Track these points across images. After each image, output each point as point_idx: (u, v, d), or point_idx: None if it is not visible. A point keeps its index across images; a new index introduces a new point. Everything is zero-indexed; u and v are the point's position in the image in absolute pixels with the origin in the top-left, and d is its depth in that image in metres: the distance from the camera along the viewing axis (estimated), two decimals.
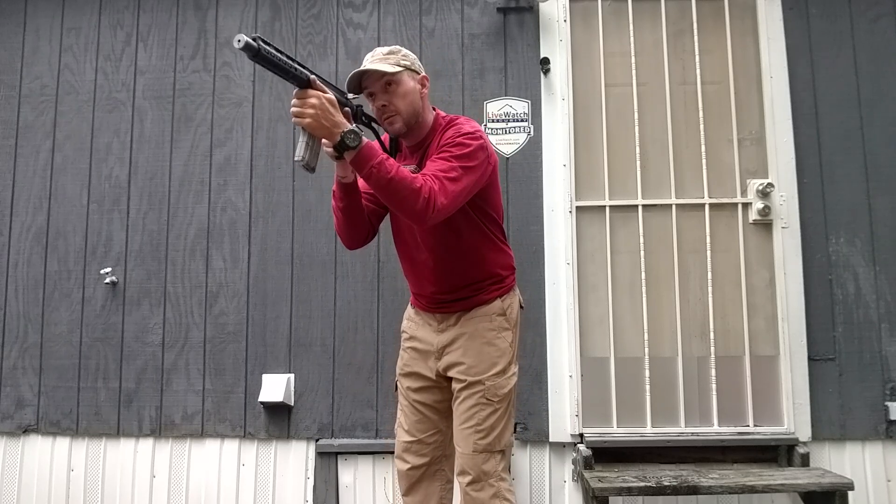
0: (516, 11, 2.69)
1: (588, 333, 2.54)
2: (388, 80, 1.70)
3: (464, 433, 1.76)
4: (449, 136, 1.71)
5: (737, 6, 2.64)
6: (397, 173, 1.56)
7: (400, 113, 1.72)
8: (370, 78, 1.71)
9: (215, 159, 2.72)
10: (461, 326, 1.83)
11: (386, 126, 1.75)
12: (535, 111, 2.64)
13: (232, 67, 2.75)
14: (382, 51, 1.76)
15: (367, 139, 1.57)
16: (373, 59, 1.73)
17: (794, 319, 2.47)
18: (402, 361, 1.97)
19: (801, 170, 2.54)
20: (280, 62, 1.41)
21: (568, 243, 2.55)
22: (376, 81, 1.71)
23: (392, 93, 1.71)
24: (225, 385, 2.60)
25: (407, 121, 1.74)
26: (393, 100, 1.71)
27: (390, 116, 1.73)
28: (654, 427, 2.46)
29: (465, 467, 1.74)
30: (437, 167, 1.63)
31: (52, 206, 2.75)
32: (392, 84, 1.71)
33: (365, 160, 1.53)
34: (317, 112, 1.48)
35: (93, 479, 2.62)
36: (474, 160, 1.67)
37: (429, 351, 1.88)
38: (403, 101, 1.72)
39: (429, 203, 1.56)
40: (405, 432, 1.91)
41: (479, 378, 1.76)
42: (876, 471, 2.43)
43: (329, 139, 1.53)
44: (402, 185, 1.55)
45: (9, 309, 2.71)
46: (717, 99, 2.61)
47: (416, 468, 1.88)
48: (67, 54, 2.82)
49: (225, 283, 2.65)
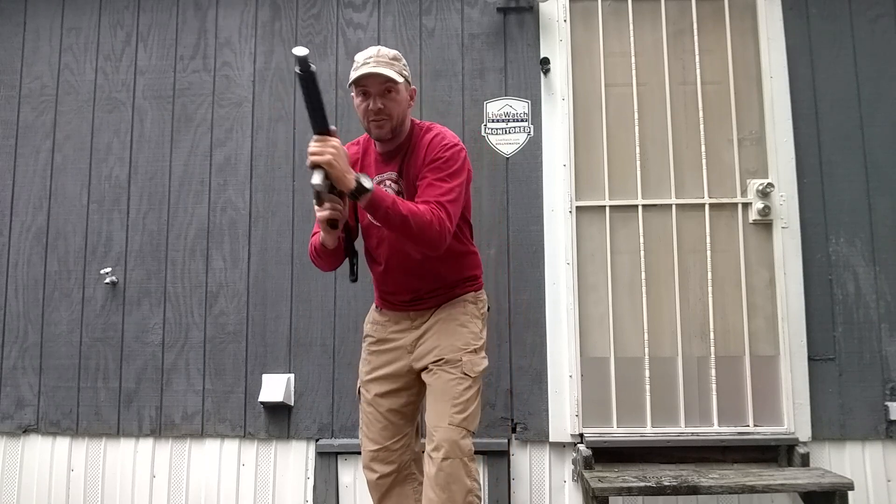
0: (516, 11, 2.69)
1: (588, 333, 2.53)
2: (388, 85, 1.77)
3: (441, 407, 1.77)
4: (435, 149, 1.79)
5: (737, 6, 2.64)
6: (409, 210, 1.64)
7: (392, 118, 1.79)
8: (372, 79, 1.76)
9: (215, 159, 2.72)
10: (434, 318, 1.89)
11: (372, 127, 1.81)
12: (535, 111, 2.64)
13: (232, 67, 2.75)
14: (388, 54, 1.80)
15: None
16: (378, 61, 1.76)
17: (794, 319, 2.47)
18: (367, 367, 1.98)
19: (801, 170, 2.54)
20: (320, 96, 1.50)
21: (568, 243, 2.54)
22: (378, 84, 1.76)
23: (390, 98, 1.78)
24: (225, 385, 2.60)
25: (394, 127, 1.81)
26: (389, 105, 1.78)
27: (382, 120, 1.78)
28: (654, 427, 2.46)
29: (440, 441, 1.73)
30: (438, 192, 1.72)
31: (52, 206, 2.75)
32: (392, 91, 1.78)
33: (379, 202, 1.61)
34: (337, 153, 1.55)
35: (93, 479, 2.62)
36: (463, 173, 1.80)
37: (399, 348, 1.91)
38: (397, 109, 1.79)
39: (441, 233, 1.68)
40: (370, 441, 1.91)
41: (455, 355, 1.81)
42: (876, 471, 2.43)
43: (343, 184, 1.57)
44: (416, 220, 1.64)
45: (9, 309, 2.71)
46: (717, 99, 2.61)
47: (386, 476, 1.89)
48: (67, 54, 2.82)
49: (225, 283, 2.65)
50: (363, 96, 1.79)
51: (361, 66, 1.77)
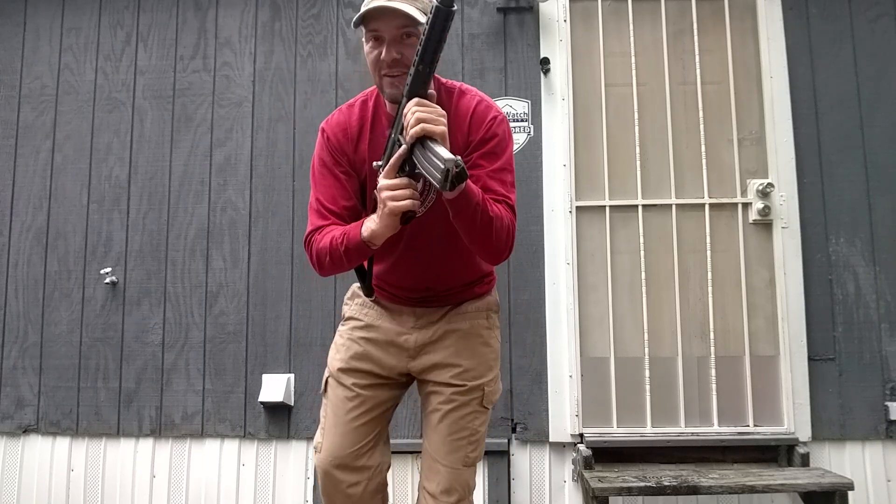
0: (516, 11, 2.69)
1: (588, 333, 2.53)
2: (408, 28, 1.35)
3: (453, 445, 1.53)
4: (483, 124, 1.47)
5: (737, 6, 2.64)
6: (495, 212, 1.35)
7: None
8: (387, 18, 1.34)
9: (215, 159, 2.72)
10: (449, 322, 1.58)
11: (385, 83, 1.40)
12: (535, 111, 2.64)
13: (232, 67, 2.75)
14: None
15: None
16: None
17: (794, 319, 2.47)
18: (346, 353, 1.60)
19: (801, 170, 2.54)
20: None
21: (568, 243, 2.54)
22: (394, 26, 1.35)
23: (410, 45, 1.35)
24: (225, 385, 2.60)
25: None
26: (409, 54, 1.34)
27: (399, 74, 1.36)
28: (654, 427, 2.46)
29: (452, 484, 1.51)
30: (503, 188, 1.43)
31: (52, 206, 2.75)
32: (413, 36, 1.35)
33: (472, 196, 1.29)
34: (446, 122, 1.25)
35: (93, 479, 2.62)
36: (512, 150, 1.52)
37: (397, 346, 1.59)
38: None
39: (512, 240, 1.42)
40: (338, 443, 1.55)
41: (478, 383, 1.55)
42: (876, 471, 2.43)
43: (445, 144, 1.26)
44: (498, 224, 1.36)
45: (9, 309, 2.71)
46: (717, 99, 2.61)
47: (355, 486, 1.54)
48: (67, 54, 2.82)
49: (225, 283, 2.65)
50: (374, 41, 1.38)
51: (372, 1, 1.33)
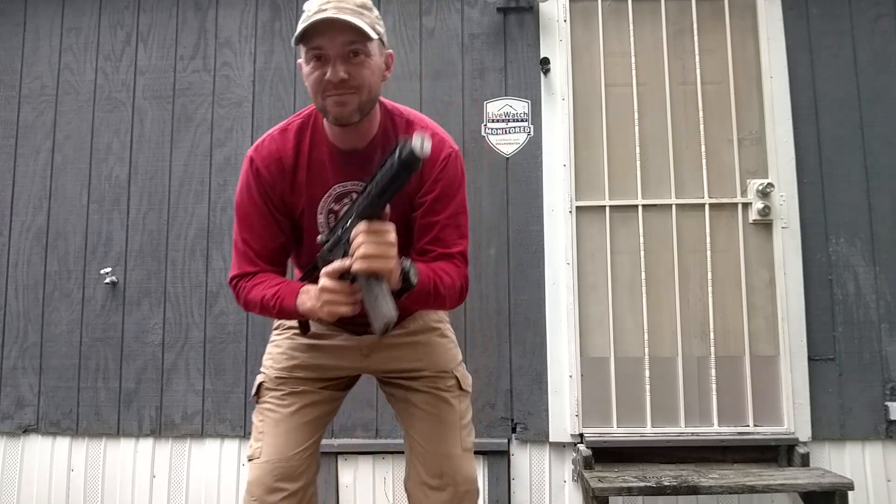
0: (516, 11, 2.69)
1: (588, 333, 2.53)
2: (356, 45, 1.19)
3: (446, 431, 1.45)
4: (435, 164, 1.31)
5: (737, 6, 2.64)
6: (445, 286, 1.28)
7: (360, 92, 1.22)
8: (332, 34, 1.18)
9: (215, 159, 2.72)
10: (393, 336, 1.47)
11: (330, 104, 1.22)
12: (535, 111, 2.64)
13: (232, 67, 2.75)
14: (354, 0, 1.20)
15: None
16: (339, 6, 1.17)
17: (794, 319, 2.47)
18: (287, 362, 1.49)
19: (801, 170, 2.54)
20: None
21: (568, 243, 2.54)
22: (339, 41, 1.18)
23: (357, 64, 1.20)
24: (225, 385, 2.59)
25: (362, 106, 1.24)
26: (355, 73, 1.20)
27: (345, 95, 1.21)
28: (654, 427, 2.46)
29: (458, 474, 1.42)
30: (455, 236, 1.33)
31: (52, 206, 2.75)
32: (360, 54, 1.20)
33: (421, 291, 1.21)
34: (395, 252, 1.11)
35: (93, 479, 2.62)
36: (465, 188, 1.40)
37: (346, 348, 1.49)
38: (368, 79, 1.23)
39: (464, 295, 1.36)
40: (282, 443, 1.43)
41: (447, 368, 1.49)
42: (876, 471, 2.43)
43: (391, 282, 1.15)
44: (450, 294, 1.30)
45: (9, 309, 2.71)
46: (717, 99, 2.61)
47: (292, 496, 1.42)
48: (67, 54, 2.82)
49: (225, 283, 2.63)
50: (316, 61, 1.21)
51: (314, 14, 1.16)
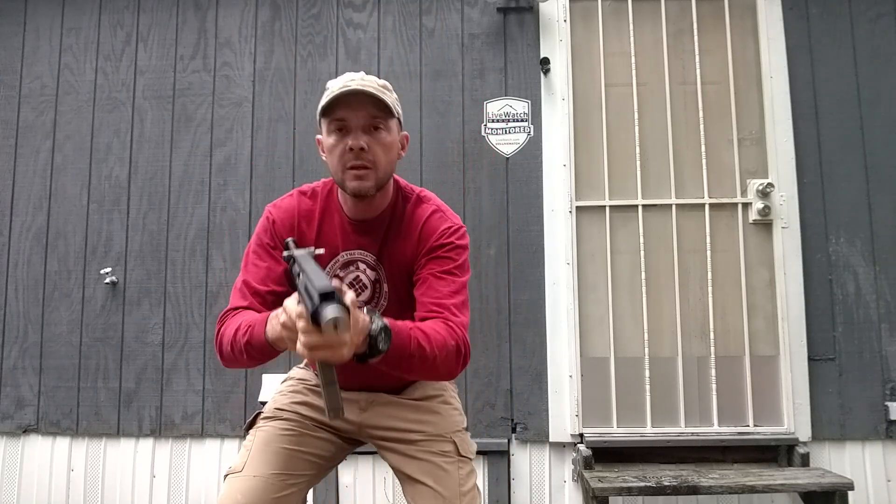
0: (516, 11, 2.69)
1: (588, 333, 2.53)
2: (377, 120, 1.27)
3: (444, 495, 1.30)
4: (437, 232, 1.32)
5: (737, 6, 2.64)
6: (436, 345, 1.17)
7: (377, 167, 1.27)
8: (353, 105, 1.25)
9: (215, 159, 2.72)
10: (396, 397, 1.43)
11: (348, 177, 1.26)
12: (535, 111, 2.64)
13: (232, 67, 2.75)
14: (377, 80, 1.30)
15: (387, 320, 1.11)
16: (364, 84, 1.26)
17: (794, 319, 2.47)
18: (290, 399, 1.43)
19: (801, 170, 2.54)
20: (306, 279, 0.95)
21: (568, 243, 2.54)
22: (363, 114, 1.26)
23: (378, 139, 1.27)
24: (225, 385, 2.59)
25: (379, 181, 1.28)
26: (374, 147, 1.26)
27: (364, 168, 1.25)
28: (654, 427, 2.46)
29: None
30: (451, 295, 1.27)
31: (52, 206, 2.75)
32: (381, 129, 1.27)
33: (400, 353, 1.12)
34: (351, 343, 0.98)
35: (93, 479, 2.62)
36: (468, 265, 1.36)
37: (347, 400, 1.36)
38: (385, 155, 1.28)
39: (465, 359, 1.25)
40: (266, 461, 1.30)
41: (443, 433, 1.38)
42: (876, 471, 2.43)
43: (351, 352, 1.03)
44: (444, 355, 1.19)
45: (9, 309, 2.71)
46: (717, 99, 2.61)
47: None
48: (67, 54, 2.82)
49: (225, 283, 2.65)
50: (338, 133, 1.26)
51: (339, 89, 1.24)
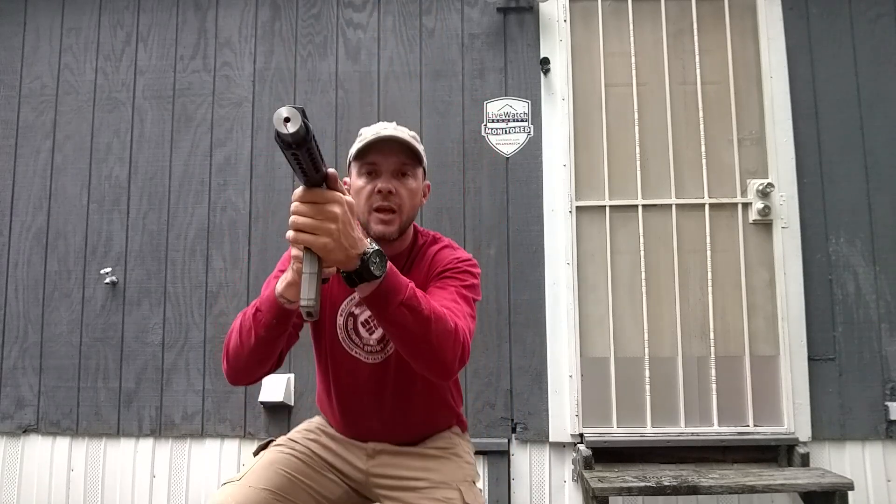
0: (516, 11, 2.69)
1: (588, 333, 2.53)
2: (406, 166, 1.34)
3: None
4: (445, 260, 1.37)
5: (737, 6, 2.64)
6: (433, 310, 1.13)
7: (402, 212, 1.33)
8: (385, 151, 1.32)
9: (215, 159, 2.72)
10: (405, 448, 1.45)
11: (373, 220, 1.31)
12: (535, 111, 2.64)
13: (232, 67, 2.75)
14: (408, 130, 1.38)
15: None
16: (396, 131, 1.34)
17: (794, 319, 2.47)
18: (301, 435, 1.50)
19: (801, 170, 2.54)
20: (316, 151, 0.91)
21: (568, 243, 2.54)
22: (392, 160, 1.33)
23: (404, 184, 1.34)
24: (225, 385, 2.59)
25: (402, 225, 1.35)
26: (401, 192, 1.33)
27: (390, 212, 1.31)
28: (654, 427, 2.46)
29: None
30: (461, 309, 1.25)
31: (52, 206, 2.75)
32: (408, 175, 1.35)
33: (392, 293, 1.07)
34: (338, 228, 0.96)
35: (93, 479, 2.62)
36: (479, 293, 1.39)
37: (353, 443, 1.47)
38: (410, 200, 1.35)
39: (464, 351, 1.18)
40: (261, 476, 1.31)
41: (449, 481, 1.35)
42: (876, 471, 2.43)
43: (342, 265, 1.01)
44: (439, 327, 1.13)
45: (9, 309, 2.71)
46: (717, 99, 2.61)
47: None
48: (67, 54, 2.82)
49: (225, 283, 2.65)
50: (368, 176, 1.33)
51: (373, 135, 1.32)
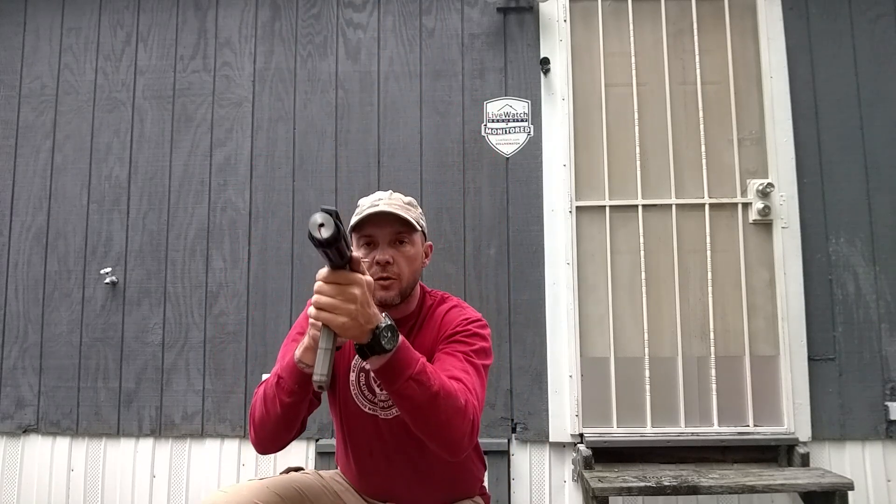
0: (516, 11, 2.69)
1: (588, 333, 2.53)
2: (402, 234, 1.38)
3: None
4: (455, 321, 1.40)
5: (737, 6, 2.64)
6: (442, 386, 1.14)
7: (401, 278, 1.37)
8: (380, 223, 1.36)
9: (215, 159, 2.72)
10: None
11: (376, 290, 1.31)
12: (535, 111, 2.64)
13: (232, 67, 2.75)
14: (402, 198, 1.42)
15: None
16: (390, 203, 1.38)
17: (794, 319, 2.47)
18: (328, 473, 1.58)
19: (801, 170, 2.54)
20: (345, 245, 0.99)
21: (568, 243, 2.54)
22: (387, 231, 1.37)
23: (402, 251, 1.38)
24: (225, 385, 2.59)
25: (403, 291, 1.39)
26: (399, 260, 1.37)
27: (389, 280, 1.36)
28: (654, 427, 2.46)
29: None
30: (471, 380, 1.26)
31: (52, 206, 2.75)
32: (405, 242, 1.38)
33: (402, 367, 1.11)
34: (357, 308, 1.02)
35: (93, 479, 2.62)
36: (490, 357, 1.40)
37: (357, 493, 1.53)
38: (409, 267, 1.39)
39: (473, 427, 1.19)
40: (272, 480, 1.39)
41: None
42: (876, 471, 2.43)
43: (356, 339, 1.07)
44: (448, 403, 1.14)
45: (9, 309, 2.71)
46: (717, 99, 2.61)
47: None
48: (67, 54, 2.82)
49: (225, 283, 2.65)
50: (366, 247, 1.38)
51: (367, 209, 1.36)
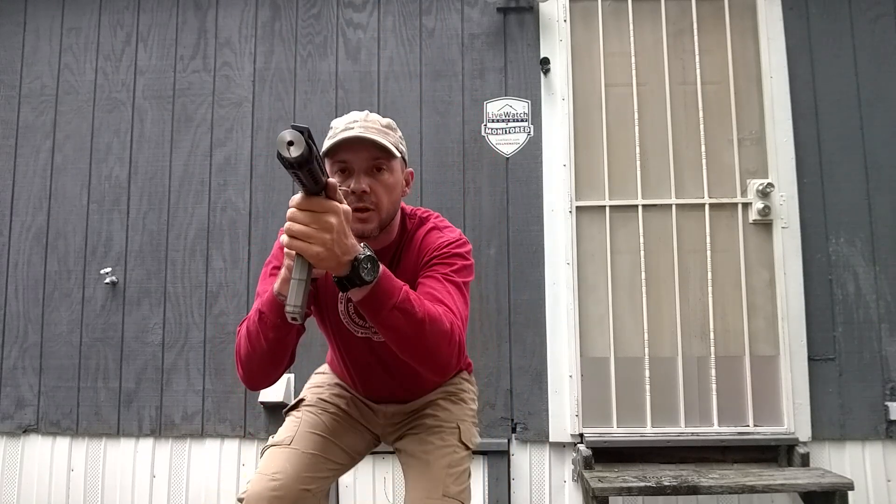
0: (516, 11, 2.69)
1: (588, 333, 2.53)
2: (380, 161, 1.28)
3: (432, 477, 1.36)
4: (434, 244, 1.35)
5: (737, 6, 2.64)
6: (427, 312, 1.13)
7: (380, 209, 1.29)
8: (356, 148, 1.26)
9: (215, 159, 2.72)
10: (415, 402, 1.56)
11: (353, 222, 1.19)
12: (535, 111, 2.64)
13: (232, 67, 2.75)
14: (380, 120, 1.32)
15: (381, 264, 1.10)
16: (365, 125, 1.28)
17: (794, 319, 2.47)
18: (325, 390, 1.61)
19: (801, 170, 2.54)
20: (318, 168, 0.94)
21: (568, 243, 2.54)
22: (364, 156, 1.27)
23: (379, 180, 1.28)
24: (225, 385, 2.60)
25: (382, 222, 1.31)
26: (377, 189, 1.27)
27: (367, 212, 1.27)
28: (654, 427, 2.46)
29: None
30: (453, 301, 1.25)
31: (52, 206, 2.75)
32: (383, 170, 1.29)
33: (384, 298, 1.09)
34: (332, 238, 0.98)
35: (93, 479, 2.62)
36: (471, 273, 1.38)
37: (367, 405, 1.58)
38: (388, 196, 1.30)
39: (460, 349, 1.21)
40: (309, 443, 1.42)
41: (452, 422, 1.48)
42: (876, 471, 2.43)
43: (334, 270, 1.03)
44: (434, 328, 1.13)
45: (9, 309, 2.71)
46: (717, 99, 2.61)
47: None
48: (67, 54, 2.82)
49: (225, 283, 2.65)
50: (341, 174, 1.27)
51: (341, 132, 1.26)
